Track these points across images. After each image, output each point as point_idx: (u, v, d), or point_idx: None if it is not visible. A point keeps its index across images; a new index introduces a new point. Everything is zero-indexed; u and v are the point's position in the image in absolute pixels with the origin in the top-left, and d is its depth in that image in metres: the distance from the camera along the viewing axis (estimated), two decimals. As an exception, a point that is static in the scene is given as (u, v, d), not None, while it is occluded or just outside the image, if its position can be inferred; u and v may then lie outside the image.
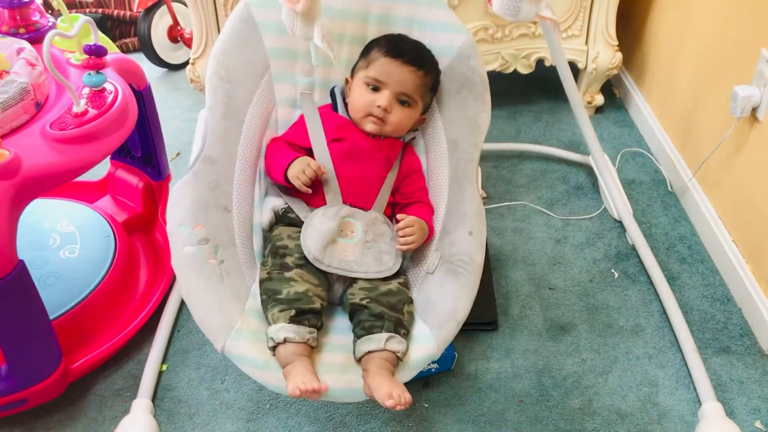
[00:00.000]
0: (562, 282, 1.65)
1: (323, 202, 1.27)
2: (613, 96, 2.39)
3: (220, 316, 1.12)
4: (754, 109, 1.52)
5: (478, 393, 1.39)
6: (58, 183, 1.20)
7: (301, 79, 1.38)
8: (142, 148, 1.67)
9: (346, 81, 1.38)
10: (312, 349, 1.13)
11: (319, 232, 1.22)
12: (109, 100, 1.29)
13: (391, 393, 1.04)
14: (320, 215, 1.24)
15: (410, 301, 1.22)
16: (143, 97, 1.55)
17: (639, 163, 2.06)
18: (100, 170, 1.72)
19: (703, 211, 1.74)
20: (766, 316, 1.45)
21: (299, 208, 1.27)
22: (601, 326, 1.53)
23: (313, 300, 1.15)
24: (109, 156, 1.73)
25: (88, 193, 1.75)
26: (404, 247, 1.25)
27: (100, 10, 2.78)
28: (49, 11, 1.92)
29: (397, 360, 1.13)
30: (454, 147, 1.35)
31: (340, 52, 1.40)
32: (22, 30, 1.44)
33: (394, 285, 1.22)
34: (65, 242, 1.53)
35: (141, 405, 1.31)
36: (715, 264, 1.68)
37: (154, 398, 1.37)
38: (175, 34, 2.62)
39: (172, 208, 1.20)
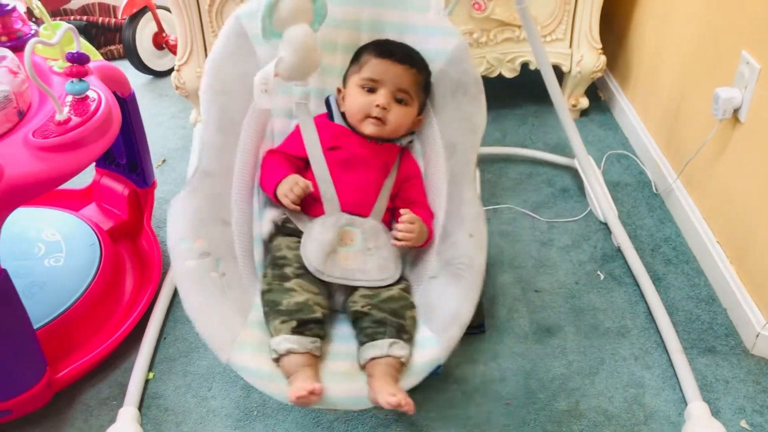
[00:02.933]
0: (548, 284, 1.65)
1: (322, 212, 1.27)
2: (597, 99, 2.41)
3: (223, 330, 1.12)
4: (736, 111, 1.54)
5: (465, 396, 1.39)
6: (41, 191, 1.20)
7: (296, 89, 1.39)
8: (128, 156, 1.66)
9: (338, 90, 1.39)
10: (316, 358, 1.13)
11: (319, 242, 1.22)
12: (93, 107, 1.28)
13: (394, 392, 1.04)
14: (319, 225, 1.24)
15: (412, 306, 1.22)
16: (127, 104, 1.55)
17: (624, 166, 2.07)
18: (86, 178, 1.72)
19: (688, 212, 1.75)
20: (751, 315, 1.46)
21: (298, 219, 1.27)
22: (587, 328, 1.54)
23: (314, 309, 1.15)
24: (95, 164, 1.73)
25: (73, 201, 1.74)
26: (401, 243, 1.24)
27: (84, 18, 2.77)
28: (32, 19, 1.91)
29: (401, 365, 1.12)
30: (452, 150, 1.35)
31: (334, 59, 1.41)
32: (3, 38, 1.43)
33: (395, 291, 1.22)
34: (50, 251, 1.53)
35: (127, 413, 1.30)
36: (699, 265, 1.69)
37: (140, 406, 1.36)
38: (160, 41, 2.62)
39: (171, 223, 1.19)
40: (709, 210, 1.69)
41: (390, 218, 1.32)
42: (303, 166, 1.33)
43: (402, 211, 1.27)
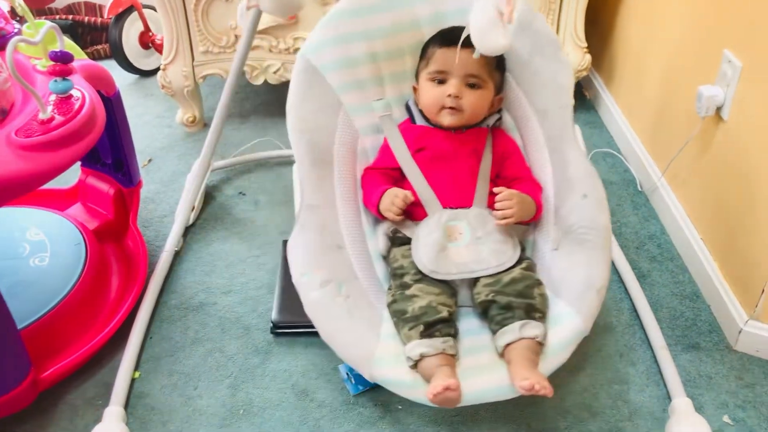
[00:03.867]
0: (534, 282, 1.66)
1: (425, 214, 1.28)
2: (583, 97, 2.42)
3: (358, 349, 1.16)
4: (719, 109, 1.55)
5: (452, 394, 1.40)
6: (24, 191, 1.19)
7: (376, 104, 1.42)
8: (113, 155, 1.66)
9: (414, 89, 1.40)
10: (452, 357, 1.14)
11: (427, 244, 1.23)
12: (76, 106, 1.28)
13: (528, 377, 1.05)
14: (424, 227, 1.26)
15: (539, 284, 1.21)
16: (112, 103, 1.54)
17: (609, 164, 2.08)
18: (71, 177, 1.71)
19: (672, 209, 1.77)
20: (734, 312, 1.47)
21: (405, 227, 1.30)
22: (573, 325, 1.54)
23: (439, 310, 1.16)
24: (80, 163, 1.72)
25: (58, 201, 1.73)
26: (503, 221, 1.23)
27: (70, 17, 2.76)
28: (15, 18, 1.90)
29: (539, 345, 1.13)
30: (543, 116, 1.35)
31: (404, 65, 1.43)
32: (-14, 37, 1.43)
33: (516, 272, 1.22)
34: (35, 250, 1.52)
35: (113, 413, 1.30)
36: (684, 262, 1.71)
37: (126, 406, 1.35)
38: (147, 40, 2.61)
39: (291, 262, 1.25)
40: (693, 207, 1.70)
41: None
42: (399, 176, 1.36)
43: (496, 190, 1.26)
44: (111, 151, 1.65)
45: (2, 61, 1.28)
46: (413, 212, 1.30)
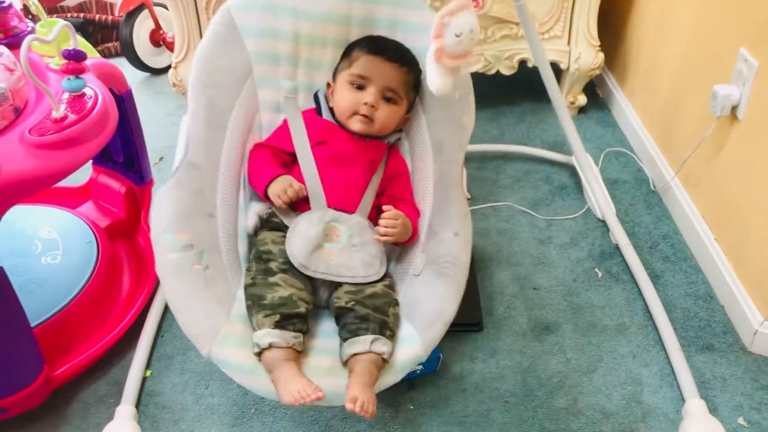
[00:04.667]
0: (546, 282, 1.65)
1: (307, 207, 1.27)
2: (595, 96, 2.41)
3: (205, 322, 1.11)
4: (734, 108, 1.53)
5: (464, 394, 1.39)
6: (37, 189, 1.19)
7: (285, 83, 1.38)
8: (124, 153, 1.66)
9: (328, 85, 1.38)
10: (298, 353, 1.12)
11: (305, 238, 1.21)
12: (89, 104, 1.28)
13: (356, 398, 1.04)
14: (305, 220, 1.24)
15: (396, 303, 1.22)
16: (124, 101, 1.54)
17: (622, 163, 2.07)
18: (83, 176, 1.71)
19: (686, 209, 1.75)
20: (748, 313, 1.46)
21: (284, 213, 1.27)
22: (586, 325, 1.54)
23: (298, 304, 1.14)
24: (91, 161, 1.72)
25: (70, 199, 1.74)
26: (383, 238, 1.24)
27: (81, 15, 2.76)
28: (29, 16, 1.90)
29: (383, 362, 1.12)
30: (439, 149, 1.35)
31: (323, 54, 1.40)
32: (0, 35, 1.43)
33: (379, 287, 1.22)
34: (47, 248, 1.52)
35: (125, 411, 1.30)
36: (697, 262, 1.69)
37: (138, 404, 1.36)
38: (158, 39, 2.61)
39: (155, 215, 1.19)
40: (706, 207, 1.69)
41: (376, 215, 1.32)
42: (290, 161, 1.33)
43: (385, 207, 1.27)
44: (123, 150, 1.65)
45: (16, 59, 1.28)
46: (296, 202, 1.27)
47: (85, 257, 1.51)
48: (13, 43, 1.41)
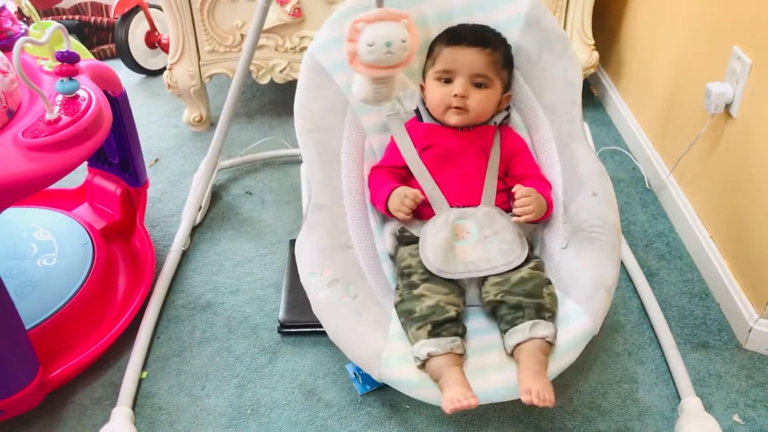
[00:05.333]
0: (542, 281, 1.65)
1: (432, 213, 1.28)
2: (590, 95, 2.41)
3: (366, 349, 1.15)
4: (728, 106, 1.54)
5: (460, 393, 1.39)
6: (31, 191, 1.19)
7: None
8: (120, 155, 1.66)
9: (421, 87, 1.39)
10: (460, 356, 1.14)
11: (435, 243, 1.23)
12: (83, 106, 1.28)
13: (530, 389, 1.04)
14: (431, 226, 1.26)
15: (548, 283, 1.21)
16: (119, 103, 1.54)
17: (617, 162, 2.07)
18: (78, 177, 1.71)
19: (681, 207, 1.76)
20: (743, 310, 1.46)
21: (413, 226, 1.29)
22: (581, 324, 1.54)
23: (446, 309, 1.16)
24: (86, 163, 1.72)
25: (65, 201, 1.74)
26: (522, 218, 1.24)
27: (77, 17, 2.77)
28: (23, 19, 1.90)
29: (548, 345, 1.13)
30: (552, 112, 1.34)
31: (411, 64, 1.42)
32: (-7, 38, 1.43)
33: (525, 271, 1.21)
34: (42, 251, 1.52)
35: (121, 413, 1.30)
36: (693, 260, 1.70)
37: (134, 406, 1.36)
38: (153, 40, 2.61)
39: (299, 261, 1.25)
40: (702, 205, 1.69)
41: (507, 200, 1.32)
42: (406, 175, 1.36)
43: (515, 188, 1.26)
44: (118, 151, 1.65)
45: (9, 61, 1.28)
46: (421, 211, 1.30)
47: (81, 259, 1.51)
48: (7, 45, 1.42)
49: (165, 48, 2.58)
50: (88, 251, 1.54)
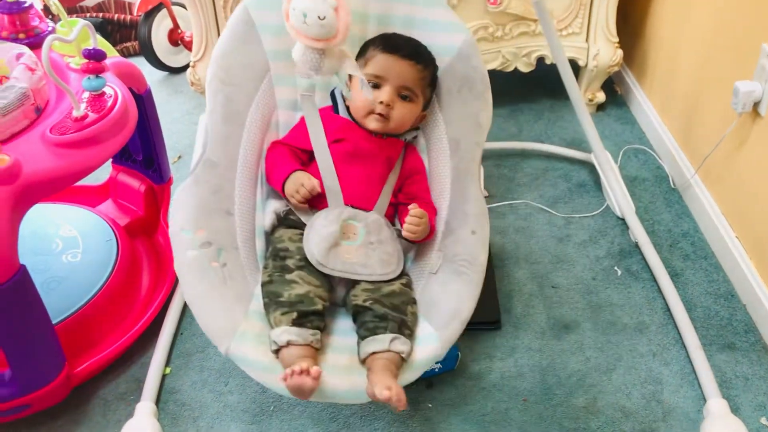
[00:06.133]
0: (565, 280, 1.64)
1: (325, 204, 1.27)
2: (614, 93, 2.39)
3: (223, 320, 1.12)
4: (756, 105, 1.52)
5: (482, 392, 1.39)
6: (58, 188, 1.20)
7: (302, 81, 1.38)
8: (144, 152, 1.67)
9: (350, 78, 1.38)
10: (316, 350, 1.12)
11: (322, 236, 1.21)
12: (109, 104, 1.29)
13: (390, 386, 1.04)
14: (322, 218, 1.24)
15: (413, 302, 1.21)
16: (143, 100, 1.55)
17: (641, 160, 2.05)
18: (102, 174, 1.72)
19: (706, 207, 1.74)
20: (771, 311, 1.44)
21: (301, 211, 1.27)
22: (605, 324, 1.53)
23: (315, 301, 1.15)
24: (111, 160, 1.73)
25: (90, 197, 1.75)
26: (411, 235, 1.24)
27: (100, 15, 2.78)
28: (49, 16, 1.92)
29: (402, 361, 1.12)
30: (456, 146, 1.34)
31: None
32: (21, 35, 1.44)
33: (397, 286, 1.22)
34: (67, 247, 1.54)
35: (145, 408, 1.31)
36: (718, 260, 1.68)
37: (157, 401, 1.37)
38: (176, 38, 2.62)
39: (174, 212, 1.20)
40: (727, 205, 1.67)
41: (392, 213, 1.32)
42: (307, 159, 1.33)
43: (411, 206, 1.26)
44: (142, 148, 1.66)
45: (37, 59, 1.30)
46: (313, 199, 1.27)
47: (105, 255, 1.53)
48: (34, 43, 1.43)
49: (188, 45, 2.59)
50: (113, 247, 1.55)
